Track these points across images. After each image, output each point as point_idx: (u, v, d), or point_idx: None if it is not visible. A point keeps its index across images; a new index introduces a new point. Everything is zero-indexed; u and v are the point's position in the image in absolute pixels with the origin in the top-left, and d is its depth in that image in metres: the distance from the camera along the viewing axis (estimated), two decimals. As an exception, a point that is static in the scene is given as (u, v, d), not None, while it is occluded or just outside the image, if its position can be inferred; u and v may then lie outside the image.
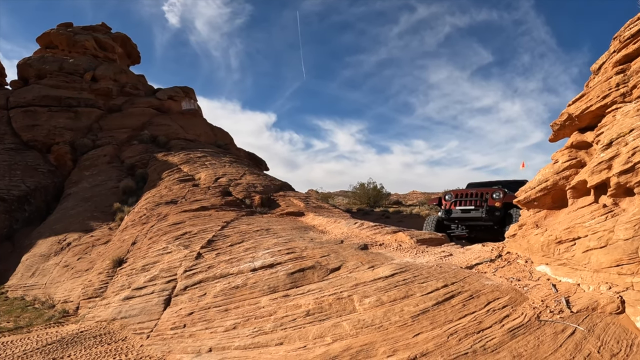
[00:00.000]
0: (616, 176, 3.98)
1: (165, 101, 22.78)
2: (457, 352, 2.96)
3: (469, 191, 9.16)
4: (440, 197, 9.73)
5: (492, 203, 8.58)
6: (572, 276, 4.06)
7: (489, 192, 8.73)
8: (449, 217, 9.19)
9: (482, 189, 9.06)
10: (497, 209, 8.49)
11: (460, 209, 9.04)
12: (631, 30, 4.69)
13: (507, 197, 8.43)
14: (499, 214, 8.49)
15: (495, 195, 8.65)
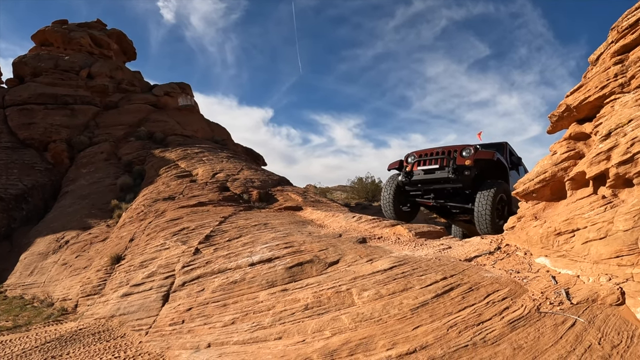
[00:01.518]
0: (615, 167, 3.95)
1: (162, 97, 22.70)
2: (457, 344, 2.95)
3: (434, 149, 7.54)
4: (402, 160, 8.02)
5: (462, 161, 7.01)
6: (571, 268, 4.05)
7: (458, 149, 7.21)
8: (409, 180, 7.55)
9: (450, 146, 7.41)
10: (466, 167, 6.90)
11: (422, 170, 7.41)
12: (629, 21, 4.66)
13: (480, 153, 7.04)
14: (469, 174, 6.91)
15: (465, 152, 7.11)
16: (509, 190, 6.93)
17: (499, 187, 6.78)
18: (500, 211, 6.97)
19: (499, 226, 6.67)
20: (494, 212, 6.69)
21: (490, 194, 6.62)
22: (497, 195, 6.66)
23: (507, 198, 7.04)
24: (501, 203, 7.00)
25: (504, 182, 7.00)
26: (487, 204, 6.62)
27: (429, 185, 7.48)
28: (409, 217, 8.43)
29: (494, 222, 6.74)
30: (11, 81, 20.61)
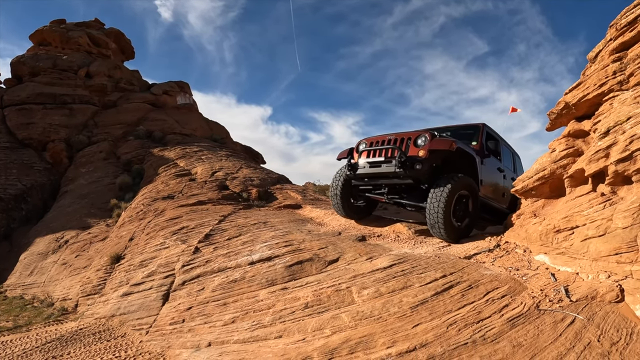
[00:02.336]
0: (614, 164, 3.96)
1: (161, 96, 22.67)
2: (457, 342, 2.96)
3: (386, 137, 6.29)
4: (353, 148, 6.89)
5: (414, 152, 5.82)
6: (571, 265, 4.06)
7: (412, 137, 5.97)
8: (354, 173, 6.44)
9: (405, 132, 6.18)
10: (417, 160, 5.69)
11: (368, 162, 6.24)
12: (628, 18, 4.66)
13: (434, 142, 5.73)
14: (421, 168, 5.66)
15: (420, 140, 5.88)
16: (472, 186, 5.90)
17: (457, 183, 5.56)
18: (460, 211, 5.86)
19: (458, 229, 5.81)
20: (449, 214, 5.55)
21: (444, 193, 5.45)
22: (453, 192, 5.51)
23: (471, 194, 5.92)
24: (462, 201, 5.85)
25: (464, 177, 5.72)
26: (440, 204, 5.46)
27: (377, 180, 6.34)
28: (364, 212, 7.49)
29: (449, 224, 5.59)
30: (9, 81, 20.55)
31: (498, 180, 7.15)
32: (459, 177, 5.65)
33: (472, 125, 7.24)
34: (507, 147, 7.90)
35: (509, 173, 7.61)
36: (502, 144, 7.57)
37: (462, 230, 5.90)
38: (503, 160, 7.41)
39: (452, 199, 5.54)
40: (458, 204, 5.76)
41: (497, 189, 7.11)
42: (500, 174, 7.24)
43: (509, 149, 8.00)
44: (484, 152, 6.66)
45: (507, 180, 7.43)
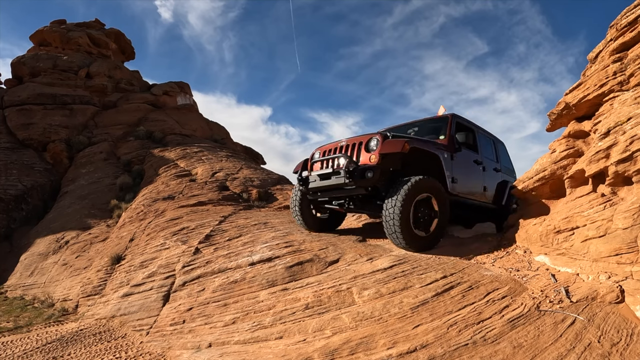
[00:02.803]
0: (614, 165, 3.96)
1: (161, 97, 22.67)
2: (457, 343, 2.96)
3: (338, 144, 5.76)
4: (308, 159, 6.33)
5: (366, 158, 5.27)
6: (571, 266, 4.06)
7: (363, 141, 5.40)
8: (307, 188, 5.94)
9: (358, 137, 5.59)
10: (368, 168, 5.09)
11: (318, 175, 5.67)
12: (628, 18, 4.66)
13: (386, 144, 5.14)
14: (373, 176, 5.06)
15: (372, 143, 5.29)
16: (436, 187, 5.26)
17: (414, 187, 4.96)
18: (425, 216, 5.26)
19: (421, 237, 5.18)
20: (407, 222, 4.95)
21: (398, 199, 4.88)
22: (409, 198, 4.92)
23: (435, 196, 5.27)
24: (425, 205, 5.23)
25: (424, 178, 5.09)
26: (395, 212, 4.89)
27: (331, 193, 5.76)
28: (331, 225, 6.95)
29: (408, 234, 5.00)
30: (10, 82, 20.55)
31: (475, 174, 6.60)
32: (417, 179, 5.00)
33: (440, 118, 6.65)
34: (486, 135, 7.33)
35: (489, 164, 7.01)
36: (480, 133, 7.04)
37: (427, 238, 5.25)
38: (481, 151, 6.83)
39: (409, 205, 4.94)
40: (420, 209, 5.15)
41: (476, 184, 6.60)
42: (478, 167, 6.63)
43: (489, 137, 7.43)
44: (454, 146, 6.05)
45: (488, 172, 6.91)
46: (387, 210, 4.97)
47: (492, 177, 7.02)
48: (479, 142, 6.86)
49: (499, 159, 7.48)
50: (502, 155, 7.65)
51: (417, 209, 5.12)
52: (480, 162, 6.68)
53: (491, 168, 7.05)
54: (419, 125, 6.95)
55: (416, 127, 6.90)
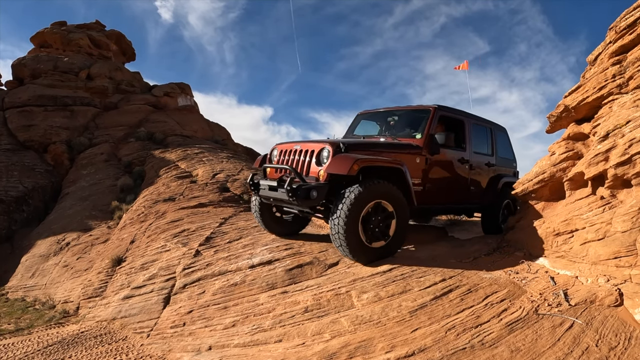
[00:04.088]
0: (613, 168, 3.97)
1: (162, 98, 22.71)
2: (455, 347, 2.97)
3: (292, 146, 5.18)
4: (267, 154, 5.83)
5: (315, 172, 4.73)
6: (570, 269, 4.07)
7: (315, 150, 4.81)
8: (258, 194, 5.50)
9: (313, 143, 4.95)
10: (312, 188, 4.48)
11: (267, 185, 5.17)
12: (627, 21, 4.67)
13: (334, 162, 4.49)
14: (318, 196, 4.49)
15: (324, 154, 4.70)
16: (393, 195, 4.65)
17: (364, 194, 4.37)
18: (381, 225, 4.70)
19: (373, 249, 4.67)
20: (354, 232, 4.44)
21: (344, 208, 4.32)
22: (358, 207, 4.37)
23: (394, 205, 4.68)
24: (378, 215, 4.63)
25: (379, 184, 4.52)
26: (340, 222, 4.36)
27: (281, 203, 5.28)
28: (295, 226, 6.46)
29: (355, 245, 4.50)
30: (11, 83, 20.59)
31: (459, 176, 6.07)
32: (369, 185, 4.43)
33: (423, 109, 5.90)
34: (481, 124, 6.71)
35: (480, 160, 6.49)
36: (472, 123, 6.42)
37: (379, 250, 4.72)
38: (471, 147, 6.26)
39: (357, 215, 4.39)
40: (374, 218, 4.60)
41: (460, 186, 6.12)
42: (464, 166, 6.11)
43: (485, 125, 6.80)
44: (431, 148, 5.44)
45: (477, 170, 6.39)
46: (333, 219, 4.45)
47: (482, 174, 6.57)
48: (470, 135, 6.27)
49: (495, 150, 6.91)
50: (500, 145, 7.08)
51: (371, 217, 4.58)
52: (467, 160, 6.16)
53: (482, 164, 6.54)
54: (400, 114, 6.38)
55: (396, 116, 6.37)
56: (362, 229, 4.53)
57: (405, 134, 5.86)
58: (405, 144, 5.44)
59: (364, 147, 5.06)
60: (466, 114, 6.38)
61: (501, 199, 6.68)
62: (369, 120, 6.91)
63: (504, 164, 7.11)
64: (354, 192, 4.36)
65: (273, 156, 5.62)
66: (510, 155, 7.43)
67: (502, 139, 7.24)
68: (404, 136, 5.78)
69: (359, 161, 4.42)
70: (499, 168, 6.95)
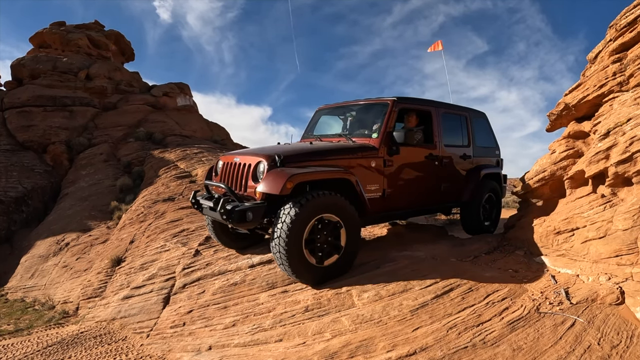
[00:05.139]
0: (614, 166, 3.96)
1: (161, 98, 22.69)
2: (457, 346, 2.95)
3: (233, 158, 4.74)
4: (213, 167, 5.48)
5: (252, 190, 4.29)
6: (571, 267, 4.05)
7: (252, 165, 4.37)
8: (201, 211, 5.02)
9: (250, 155, 4.50)
10: (248, 209, 3.98)
11: (206, 204, 4.73)
12: (627, 19, 4.66)
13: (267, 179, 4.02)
14: (254, 218, 4.02)
15: (260, 170, 4.26)
16: (341, 207, 4.17)
17: (301, 214, 3.87)
18: (329, 240, 4.22)
19: (318, 268, 4.21)
20: (297, 250, 3.95)
21: (284, 225, 3.87)
22: (298, 228, 3.89)
23: (342, 218, 4.20)
24: (324, 230, 4.14)
25: (325, 196, 4.03)
26: (281, 239, 3.89)
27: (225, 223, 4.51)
28: (249, 239, 5.93)
29: (298, 264, 4.05)
30: (10, 83, 20.55)
31: (428, 173, 5.49)
32: (309, 200, 3.91)
33: (381, 103, 5.25)
34: (454, 113, 6.06)
35: (454, 152, 5.89)
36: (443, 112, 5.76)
37: (327, 268, 4.26)
38: (440, 140, 5.62)
39: (298, 237, 3.91)
40: (319, 235, 4.13)
41: (430, 185, 5.56)
42: (434, 162, 5.51)
43: (459, 113, 6.14)
44: (389, 149, 4.90)
45: (451, 164, 5.82)
46: (274, 236, 3.98)
47: (457, 168, 5.94)
48: (439, 126, 5.62)
49: (473, 139, 6.26)
50: (478, 133, 6.43)
51: (317, 232, 4.11)
52: (437, 156, 5.55)
53: (457, 157, 5.93)
54: (357, 109, 5.77)
55: (354, 112, 5.82)
56: (307, 250, 4.06)
57: (361, 133, 5.30)
58: (357, 146, 4.81)
59: (308, 155, 4.46)
60: (434, 103, 5.75)
61: (481, 193, 6.17)
62: (330, 115, 6.30)
63: (484, 154, 6.48)
64: (290, 213, 3.86)
65: (218, 169, 5.15)
66: (491, 142, 6.77)
67: (481, 125, 6.57)
68: (360, 135, 5.21)
69: (293, 178, 3.88)
70: (478, 159, 6.32)
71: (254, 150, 4.76)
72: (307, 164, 4.32)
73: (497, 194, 6.51)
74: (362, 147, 4.80)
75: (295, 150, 4.53)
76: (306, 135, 6.24)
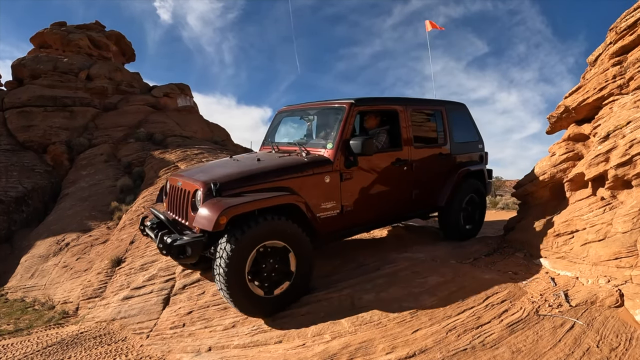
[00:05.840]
0: (614, 169, 3.97)
1: (161, 98, 22.71)
2: (456, 348, 2.96)
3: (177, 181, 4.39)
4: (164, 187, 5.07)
5: (191, 221, 3.90)
6: (570, 269, 4.06)
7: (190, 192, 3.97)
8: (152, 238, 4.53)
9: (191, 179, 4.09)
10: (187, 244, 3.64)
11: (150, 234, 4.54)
12: (627, 22, 4.67)
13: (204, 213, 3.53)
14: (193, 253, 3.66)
15: (197, 199, 3.87)
16: (289, 233, 3.78)
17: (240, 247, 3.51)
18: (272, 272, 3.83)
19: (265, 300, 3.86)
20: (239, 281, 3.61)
21: (221, 268, 3.54)
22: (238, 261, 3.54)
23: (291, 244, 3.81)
24: (270, 258, 3.77)
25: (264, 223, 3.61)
26: (221, 270, 3.54)
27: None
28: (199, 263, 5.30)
29: (241, 296, 3.72)
30: (10, 83, 20.57)
31: (396, 181, 4.92)
32: (247, 231, 3.53)
33: (337, 107, 4.61)
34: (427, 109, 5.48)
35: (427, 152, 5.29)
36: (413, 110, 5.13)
37: (278, 298, 3.90)
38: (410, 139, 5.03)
39: (239, 270, 3.57)
40: (265, 265, 3.75)
41: (399, 193, 5.01)
42: (402, 168, 4.91)
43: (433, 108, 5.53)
44: (345, 161, 4.33)
45: (424, 166, 5.19)
46: (214, 265, 3.65)
47: (432, 170, 5.33)
48: (408, 126, 5.00)
49: (450, 135, 5.58)
50: (457, 127, 5.74)
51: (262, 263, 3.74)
52: (405, 160, 4.93)
53: (431, 157, 5.35)
54: (315, 113, 5.24)
55: (312, 116, 5.31)
56: (252, 283, 3.74)
57: (316, 143, 4.70)
58: (308, 162, 4.22)
59: (249, 180, 3.92)
60: (401, 100, 5.09)
61: (461, 195, 5.57)
62: (292, 117, 5.68)
63: (464, 150, 5.81)
64: (226, 249, 3.50)
65: (167, 190, 4.73)
66: (473, 136, 6.05)
67: (460, 119, 5.86)
68: (315, 145, 4.59)
69: (227, 211, 3.44)
70: (457, 157, 5.69)
71: (195, 173, 4.34)
72: (248, 188, 3.83)
73: (480, 193, 5.90)
74: (314, 162, 4.21)
75: (235, 174, 4.02)
76: (266, 141, 5.67)
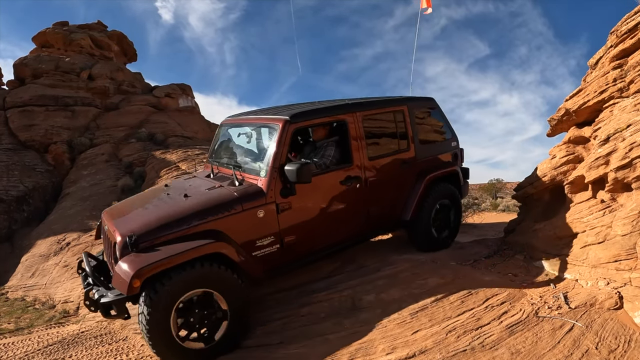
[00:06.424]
0: (614, 172, 3.98)
1: (163, 99, 22.74)
2: (456, 349, 2.98)
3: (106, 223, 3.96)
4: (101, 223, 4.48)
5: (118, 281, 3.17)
6: (570, 272, 4.08)
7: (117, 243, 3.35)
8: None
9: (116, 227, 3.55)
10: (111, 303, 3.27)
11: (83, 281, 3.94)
12: (628, 25, 4.68)
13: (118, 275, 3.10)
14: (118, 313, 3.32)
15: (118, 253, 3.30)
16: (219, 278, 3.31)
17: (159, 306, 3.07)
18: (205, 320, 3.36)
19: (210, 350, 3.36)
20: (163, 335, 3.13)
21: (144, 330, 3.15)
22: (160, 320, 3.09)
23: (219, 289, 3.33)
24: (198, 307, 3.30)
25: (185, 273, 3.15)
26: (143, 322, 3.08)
27: None
28: None
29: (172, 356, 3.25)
30: (12, 83, 20.61)
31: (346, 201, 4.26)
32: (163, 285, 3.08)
33: (272, 124, 3.98)
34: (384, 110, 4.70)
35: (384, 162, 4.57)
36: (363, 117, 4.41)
37: (221, 340, 3.41)
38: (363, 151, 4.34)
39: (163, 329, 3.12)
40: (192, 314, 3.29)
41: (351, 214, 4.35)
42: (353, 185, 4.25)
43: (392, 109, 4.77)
44: (280, 191, 3.76)
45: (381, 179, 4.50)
46: (139, 316, 3.17)
47: (392, 181, 4.67)
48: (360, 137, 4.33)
49: (414, 138, 4.89)
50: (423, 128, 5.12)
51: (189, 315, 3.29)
52: (355, 177, 4.27)
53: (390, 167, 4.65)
54: (253, 129, 4.54)
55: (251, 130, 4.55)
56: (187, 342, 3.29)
57: (251, 167, 4.07)
58: (236, 197, 3.63)
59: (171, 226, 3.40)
60: (351, 107, 4.39)
61: (429, 204, 4.94)
62: (235, 130, 4.89)
63: (433, 151, 5.15)
64: (144, 312, 3.08)
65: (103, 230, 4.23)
66: (444, 134, 5.40)
67: (427, 116, 5.28)
68: (250, 171, 3.98)
69: (140, 273, 3.00)
70: (424, 161, 4.99)
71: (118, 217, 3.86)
72: (169, 237, 3.34)
73: (454, 197, 5.27)
74: (244, 197, 3.64)
75: (153, 221, 3.47)
76: (209, 158, 5.11)
